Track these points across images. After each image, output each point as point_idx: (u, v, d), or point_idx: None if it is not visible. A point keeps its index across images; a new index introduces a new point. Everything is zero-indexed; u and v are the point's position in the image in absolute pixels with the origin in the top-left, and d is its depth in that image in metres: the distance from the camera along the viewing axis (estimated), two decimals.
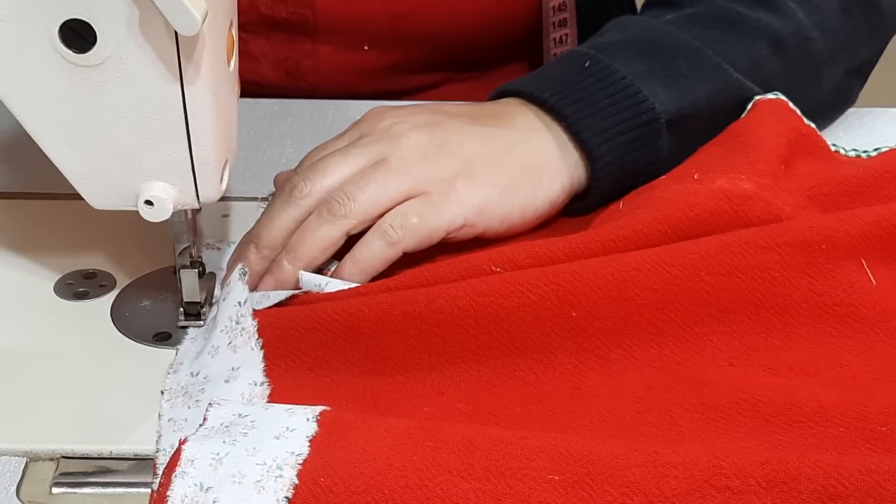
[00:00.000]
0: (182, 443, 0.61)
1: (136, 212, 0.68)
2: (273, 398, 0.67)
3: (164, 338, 0.74)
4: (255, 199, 0.86)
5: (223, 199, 0.72)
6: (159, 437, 0.66)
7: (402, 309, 0.68)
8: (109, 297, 0.77)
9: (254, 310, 0.70)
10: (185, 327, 0.75)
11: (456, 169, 0.75)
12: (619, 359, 0.68)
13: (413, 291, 0.69)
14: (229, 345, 0.69)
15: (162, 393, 0.69)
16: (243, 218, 0.84)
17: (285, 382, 0.68)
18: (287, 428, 0.61)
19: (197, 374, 0.69)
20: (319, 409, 0.62)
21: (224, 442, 0.61)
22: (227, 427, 0.62)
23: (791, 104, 0.82)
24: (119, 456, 0.67)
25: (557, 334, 0.68)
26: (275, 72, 1.01)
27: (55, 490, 0.65)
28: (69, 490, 0.66)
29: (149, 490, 0.65)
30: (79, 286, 0.78)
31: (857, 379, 0.67)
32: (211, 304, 0.76)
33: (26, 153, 0.90)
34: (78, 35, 0.62)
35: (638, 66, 0.78)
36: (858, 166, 0.80)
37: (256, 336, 0.69)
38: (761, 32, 0.83)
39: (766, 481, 0.58)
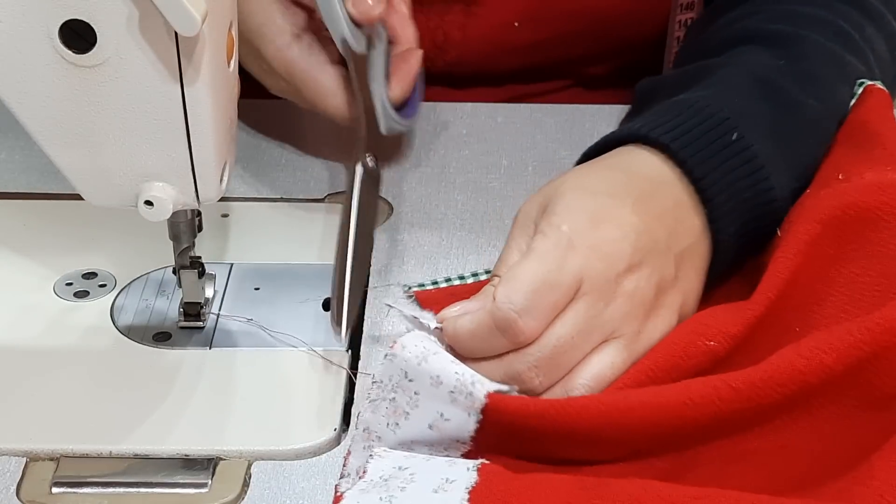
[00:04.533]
0: (338, 500, 0.61)
1: (136, 212, 0.68)
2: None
3: (163, 338, 0.74)
4: (255, 199, 0.87)
5: (223, 199, 0.71)
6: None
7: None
8: (109, 297, 0.78)
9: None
10: (185, 328, 0.75)
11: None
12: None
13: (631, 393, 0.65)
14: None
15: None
16: (243, 218, 0.84)
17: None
18: (446, 479, 0.60)
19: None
20: (481, 461, 0.61)
21: (381, 498, 0.60)
22: (385, 480, 0.61)
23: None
24: (119, 456, 0.67)
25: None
26: (421, 42, 1.00)
27: (55, 490, 0.66)
28: (69, 490, 0.66)
29: (148, 490, 0.65)
30: (79, 286, 0.78)
31: None
32: (210, 305, 0.76)
33: (26, 153, 0.90)
34: (78, 35, 0.62)
35: (769, 147, 0.77)
36: None
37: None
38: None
39: None
